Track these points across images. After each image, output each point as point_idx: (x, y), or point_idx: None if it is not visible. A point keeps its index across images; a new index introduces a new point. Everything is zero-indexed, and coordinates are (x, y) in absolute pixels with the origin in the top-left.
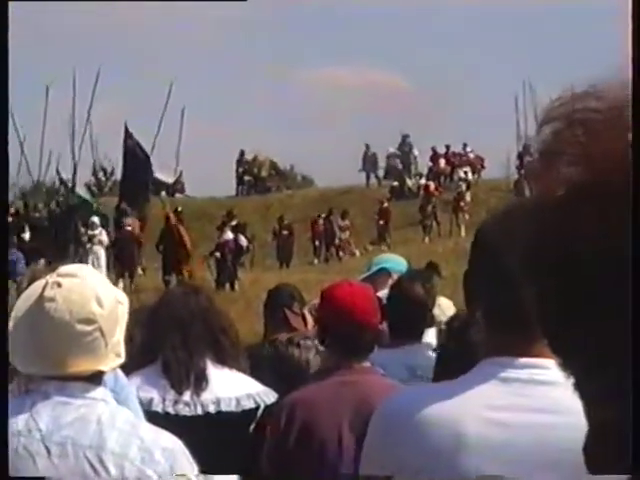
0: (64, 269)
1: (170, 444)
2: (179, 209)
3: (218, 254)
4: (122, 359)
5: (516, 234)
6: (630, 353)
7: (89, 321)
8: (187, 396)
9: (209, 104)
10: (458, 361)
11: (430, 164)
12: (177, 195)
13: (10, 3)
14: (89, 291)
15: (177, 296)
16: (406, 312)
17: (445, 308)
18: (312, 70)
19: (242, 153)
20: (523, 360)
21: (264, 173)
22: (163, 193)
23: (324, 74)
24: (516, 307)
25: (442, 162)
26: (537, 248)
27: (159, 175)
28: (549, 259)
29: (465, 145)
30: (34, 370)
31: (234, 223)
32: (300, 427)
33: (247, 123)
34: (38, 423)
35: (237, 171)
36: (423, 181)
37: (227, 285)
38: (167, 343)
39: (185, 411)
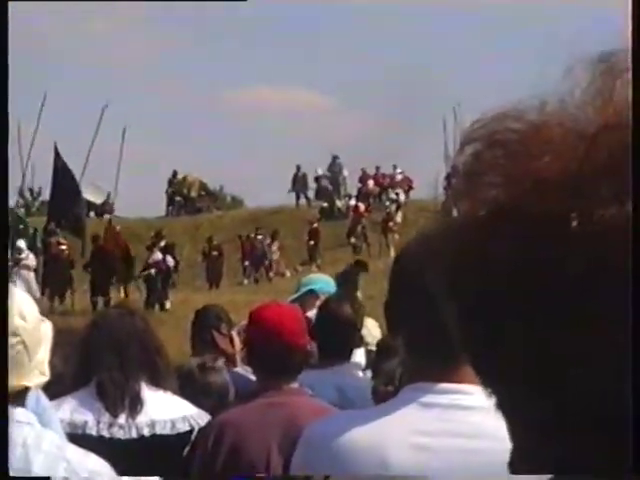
0: None
1: (97, 467)
2: (118, 228)
3: (153, 272)
4: (46, 377)
5: (439, 256)
6: (630, 359)
7: (12, 334)
8: (122, 419)
9: (140, 125)
10: None
11: (359, 185)
12: (106, 216)
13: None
14: (12, 306)
15: (113, 317)
16: (334, 332)
17: (371, 328)
18: (243, 90)
19: (175, 174)
20: (444, 385)
21: (194, 194)
22: (92, 213)
23: (255, 94)
24: (438, 331)
25: (371, 183)
26: (459, 269)
27: (88, 196)
28: (471, 280)
29: (395, 166)
30: None
31: (163, 244)
32: (228, 449)
33: (176, 144)
34: None
35: (167, 192)
36: (352, 202)
37: (156, 306)
38: (103, 365)
39: (120, 434)
